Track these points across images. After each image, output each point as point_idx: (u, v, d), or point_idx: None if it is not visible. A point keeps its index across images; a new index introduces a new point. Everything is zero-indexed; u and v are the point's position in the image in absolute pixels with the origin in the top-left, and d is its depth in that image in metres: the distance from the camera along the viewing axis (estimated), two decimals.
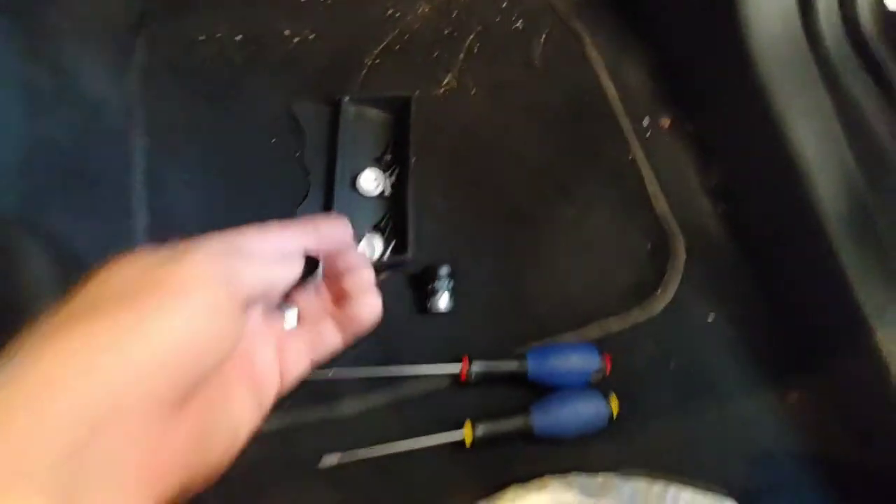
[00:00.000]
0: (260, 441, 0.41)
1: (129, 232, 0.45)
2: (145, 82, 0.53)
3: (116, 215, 0.44)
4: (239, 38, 0.58)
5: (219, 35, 0.58)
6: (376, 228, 0.49)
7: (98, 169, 0.45)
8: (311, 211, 0.50)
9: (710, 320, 0.48)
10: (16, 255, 0.31)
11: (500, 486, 0.40)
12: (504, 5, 0.62)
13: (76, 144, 0.43)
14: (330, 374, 0.43)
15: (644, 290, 0.48)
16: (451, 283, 0.46)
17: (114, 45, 0.52)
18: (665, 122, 0.55)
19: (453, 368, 0.43)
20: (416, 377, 0.44)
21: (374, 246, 0.48)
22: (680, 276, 0.48)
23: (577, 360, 0.43)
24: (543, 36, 0.60)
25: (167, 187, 0.48)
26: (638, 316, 0.47)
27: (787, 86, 0.44)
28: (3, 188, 0.35)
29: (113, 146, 0.46)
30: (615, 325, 0.46)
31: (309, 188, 0.51)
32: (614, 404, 0.42)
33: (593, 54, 0.58)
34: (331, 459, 0.41)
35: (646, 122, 0.56)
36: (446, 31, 0.60)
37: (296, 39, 0.59)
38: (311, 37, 0.59)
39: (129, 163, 0.47)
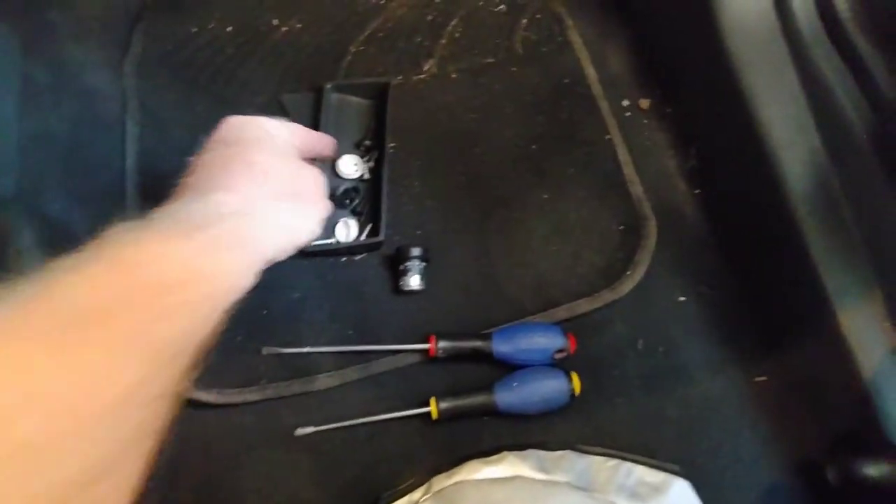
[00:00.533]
0: (241, 412, 0.45)
1: (122, 215, 0.48)
2: (140, 73, 0.55)
3: (111, 199, 0.48)
4: (230, 29, 0.60)
5: (211, 27, 0.60)
6: (353, 212, 0.51)
7: (93, 156, 0.48)
8: None
9: (679, 301, 0.48)
10: (8, 233, 0.34)
11: (464, 459, 0.42)
12: None
13: (73, 133, 0.46)
14: (306, 350, 0.46)
15: (614, 272, 0.49)
16: (423, 264, 0.48)
17: (110, 39, 0.55)
18: (644, 103, 0.55)
19: (422, 346, 0.45)
20: (388, 354, 0.46)
21: (349, 228, 0.50)
22: (650, 258, 0.49)
23: (541, 340, 0.44)
24: (526, 20, 0.60)
25: (159, 173, 0.51)
26: (607, 297, 0.47)
27: (757, 67, 0.44)
28: (9, 176, 0.38)
29: (108, 134, 0.49)
30: (584, 306, 0.47)
31: None
32: (576, 382, 0.43)
33: (575, 38, 0.58)
34: (306, 430, 0.44)
35: (625, 104, 0.56)
36: (429, 17, 0.61)
37: (284, 29, 0.61)
38: (299, 26, 0.61)
39: (123, 150, 0.50)
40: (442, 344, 0.44)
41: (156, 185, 0.50)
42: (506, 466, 0.38)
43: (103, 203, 0.47)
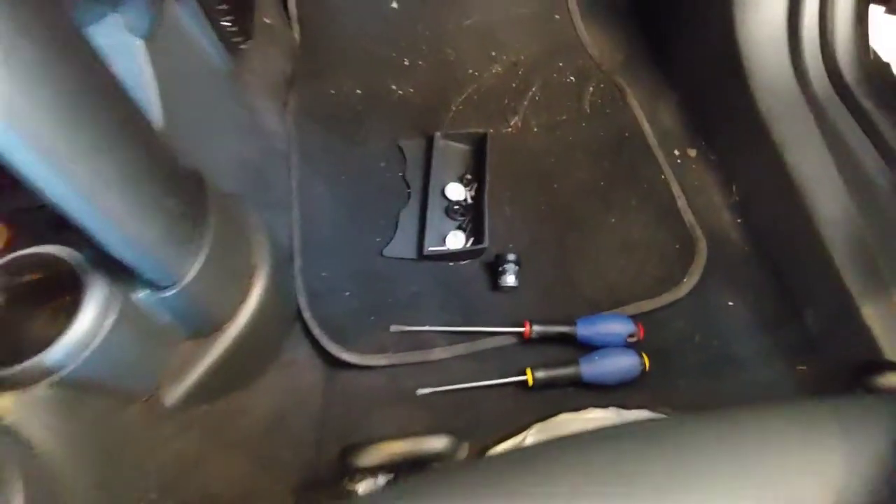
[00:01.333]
0: (373, 374, 0.56)
1: (289, 220, 0.62)
2: (296, 121, 0.72)
3: (282, 209, 0.62)
4: (359, 91, 0.78)
5: (345, 89, 0.78)
6: (459, 227, 0.65)
7: (272, 176, 0.63)
8: (410, 213, 0.66)
9: (729, 305, 0.58)
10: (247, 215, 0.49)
11: (555, 414, 0.51)
12: (560, 65, 0.79)
13: (260, 159, 0.62)
14: (425, 329, 0.58)
15: (673, 280, 0.60)
16: (517, 267, 0.60)
17: (278, 95, 0.73)
18: (691, 152, 0.69)
19: (518, 329, 0.56)
20: (490, 335, 0.57)
21: (456, 238, 0.63)
22: (703, 270, 0.60)
23: (616, 326, 0.55)
24: (591, 88, 0.76)
25: (311, 192, 0.66)
26: (667, 298, 0.58)
27: (783, 123, 0.57)
28: (228, 184, 0.54)
29: (280, 162, 0.65)
30: (648, 305, 0.58)
31: (409, 197, 0.67)
32: (646, 359, 0.53)
33: (632, 101, 0.73)
34: (424, 391, 0.54)
35: (676, 152, 0.69)
36: (514, 85, 0.77)
37: (400, 92, 0.78)
38: (411, 90, 0.78)
39: (289, 174, 0.66)
40: (535, 328, 0.56)
41: (311, 203, 0.66)
42: (591, 415, 0.48)
43: (277, 211, 0.62)
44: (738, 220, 0.64)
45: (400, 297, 0.60)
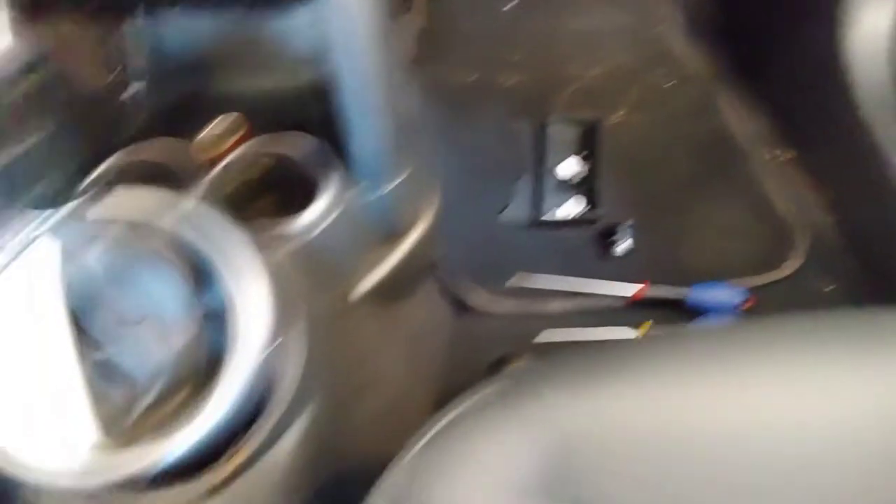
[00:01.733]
0: (493, 320, 0.61)
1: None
2: (420, 97, 0.79)
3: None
4: (472, 79, 0.85)
5: (460, 76, 0.85)
6: (570, 200, 0.70)
7: (401, 140, 0.69)
8: (523, 188, 0.72)
9: (825, 290, 0.63)
10: None
11: None
12: (658, 71, 0.85)
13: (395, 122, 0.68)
14: (541, 287, 0.62)
15: (774, 262, 0.64)
16: (626, 237, 0.65)
17: (404, 71, 0.80)
18: (785, 154, 0.74)
19: (633, 290, 0.60)
20: (604, 296, 0.62)
21: (569, 209, 0.68)
22: (799, 258, 0.64)
23: (728, 294, 0.59)
24: (689, 93, 0.82)
25: (433, 159, 0.72)
26: (769, 278, 0.63)
27: (887, 130, 0.62)
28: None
29: (406, 128, 0.72)
30: (752, 282, 0.62)
31: (524, 171, 0.73)
32: None
33: (727, 106, 0.79)
34: (541, 338, 0.59)
35: (769, 154, 0.75)
36: (614, 86, 0.84)
37: (510, 82, 0.85)
38: (519, 82, 0.85)
39: (412, 140, 0.72)
40: (648, 291, 0.60)
41: (433, 168, 0.72)
42: None
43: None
44: (833, 216, 0.68)
45: (515, 258, 0.65)
